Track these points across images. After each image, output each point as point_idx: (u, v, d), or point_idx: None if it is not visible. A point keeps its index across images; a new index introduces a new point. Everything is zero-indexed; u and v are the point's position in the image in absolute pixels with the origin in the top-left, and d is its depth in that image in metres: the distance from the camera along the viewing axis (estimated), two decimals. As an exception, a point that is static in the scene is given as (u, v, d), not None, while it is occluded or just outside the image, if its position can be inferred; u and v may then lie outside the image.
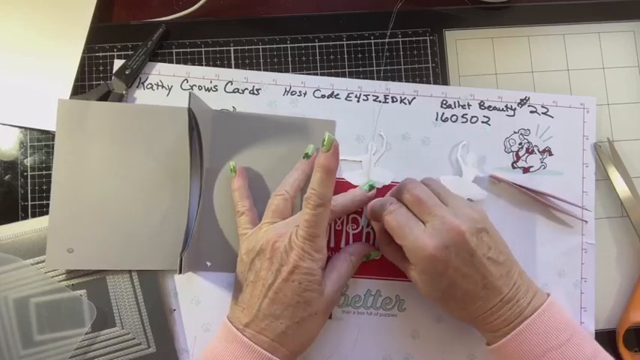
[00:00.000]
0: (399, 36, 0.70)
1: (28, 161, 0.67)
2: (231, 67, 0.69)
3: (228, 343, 0.55)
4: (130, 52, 0.69)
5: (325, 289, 0.57)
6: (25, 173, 0.67)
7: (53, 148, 0.65)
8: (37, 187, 0.67)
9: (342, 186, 0.66)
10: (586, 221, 0.66)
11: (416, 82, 0.69)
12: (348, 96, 0.68)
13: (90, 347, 0.63)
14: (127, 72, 0.67)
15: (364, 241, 0.66)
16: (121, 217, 0.64)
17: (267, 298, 0.55)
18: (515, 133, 0.68)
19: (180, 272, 0.59)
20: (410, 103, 0.68)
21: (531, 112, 0.68)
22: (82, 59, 0.69)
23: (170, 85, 0.68)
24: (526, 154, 0.67)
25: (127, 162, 0.65)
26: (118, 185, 0.65)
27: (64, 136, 0.65)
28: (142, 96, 0.68)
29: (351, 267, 0.62)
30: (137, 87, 0.68)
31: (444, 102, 0.68)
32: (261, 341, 0.54)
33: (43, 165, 0.67)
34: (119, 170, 0.65)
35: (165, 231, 0.64)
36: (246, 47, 0.70)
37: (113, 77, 0.67)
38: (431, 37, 0.71)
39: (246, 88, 0.68)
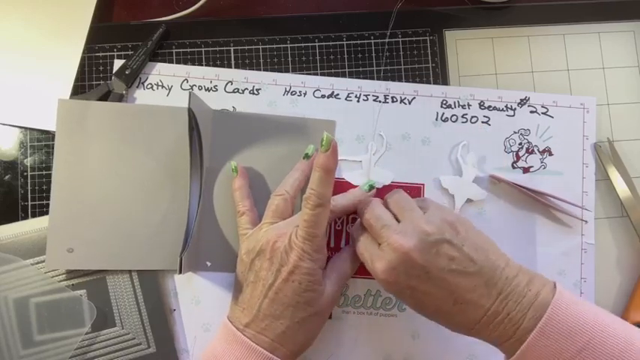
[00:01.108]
0: (399, 36, 0.70)
1: (28, 161, 0.67)
2: (231, 67, 0.69)
3: (229, 344, 0.55)
4: (130, 52, 0.69)
5: (325, 290, 0.57)
6: (25, 173, 0.67)
7: (53, 148, 0.65)
8: (37, 187, 0.67)
9: (342, 186, 0.66)
10: (586, 221, 0.66)
11: (416, 82, 0.69)
12: (348, 96, 0.68)
13: (90, 347, 0.63)
14: (127, 72, 0.67)
15: (364, 241, 0.66)
16: (121, 217, 0.64)
17: (267, 298, 0.55)
18: (515, 133, 0.68)
19: (180, 272, 0.59)
20: (410, 103, 0.68)
21: (531, 112, 0.68)
22: (82, 59, 0.69)
23: (170, 85, 0.68)
24: (526, 154, 0.67)
25: (127, 162, 0.65)
26: (118, 185, 0.65)
27: (64, 136, 0.65)
28: (142, 96, 0.68)
29: (351, 267, 0.62)
30: (137, 87, 0.68)
31: (444, 102, 0.68)
32: (261, 341, 0.54)
33: (43, 165, 0.67)
34: (119, 170, 0.65)
35: (165, 231, 0.64)
36: (246, 47, 0.70)
37: (113, 77, 0.67)
38: (431, 37, 0.71)
39: (246, 88, 0.68)
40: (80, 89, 0.68)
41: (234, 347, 0.55)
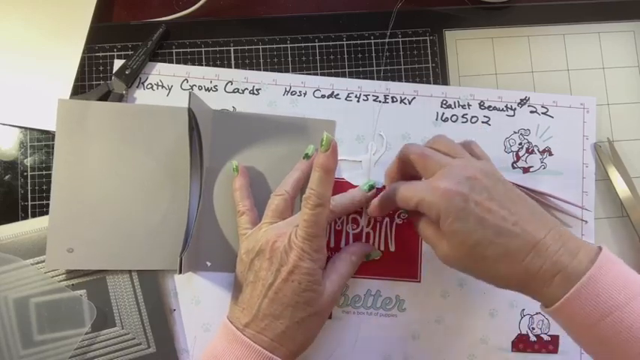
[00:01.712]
0: (399, 36, 0.70)
1: (28, 161, 0.67)
2: (231, 67, 0.69)
3: (229, 343, 0.55)
4: (130, 52, 0.69)
5: (325, 290, 0.57)
6: (25, 173, 0.67)
7: (53, 148, 0.65)
8: (37, 187, 0.67)
9: (342, 186, 0.66)
10: (586, 221, 0.66)
11: (416, 82, 0.69)
12: (348, 96, 0.68)
13: (90, 347, 0.63)
14: (126, 72, 0.67)
15: (364, 241, 0.66)
16: (121, 216, 0.64)
17: (266, 298, 0.55)
18: (515, 133, 0.68)
19: (180, 272, 0.59)
20: (410, 103, 0.68)
21: (531, 112, 0.68)
22: (82, 59, 0.69)
23: (170, 85, 0.68)
24: (526, 154, 0.67)
25: (127, 162, 0.65)
26: (118, 185, 0.65)
27: (64, 136, 0.65)
28: (142, 96, 0.68)
29: (352, 267, 0.62)
30: (137, 87, 0.68)
31: (444, 102, 0.68)
32: (260, 341, 0.54)
33: (43, 165, 0.67)
34: (119, 170, 0.65)
35: (165, 231, 0.64)
36: (246, 47, 0.70)
37: (113, 77, 0.67)
38: (431, 37, 0.71)
39: (246, 88, 0.68)
40: (80, 89, 0.68)
41: (234, 347, 0.55)
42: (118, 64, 0.68)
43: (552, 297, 0.48)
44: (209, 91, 0.68)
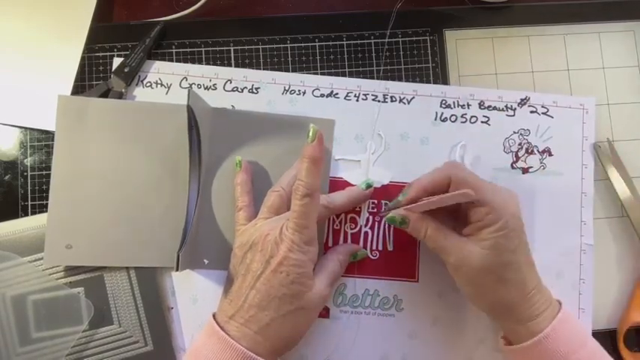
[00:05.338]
0: (399, 36, 0.70)
1: (28, 161, 0.67)
2: (231, 67, 0.69)
3: (208, 338, 0.55)
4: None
5: (314, 285, 0.56)
6: (25, 173, 0.67)
7: (53, 147, 0.65)
8: (36, 187, 0.67)
9: (341, 185, 0.66)
10: (585, 222, 0.66)
11: (416, 81, 0.69)
12: (347, 95, 0.68)
13: (87, 345, 0.63)
14: (125, 70, 0.67)
15: (362, 240, 0.66)
16: (120, 213, 0.64)
17: (254, 289, 0.55)
18: (514, 133, 0.68)
19: (178, 269, 0.59)
20: (409, 102, 0.68)
21: (531, 112, 0.68)
22: (82, 59, 0.69)
23: (169, 84, 0.68)
24: (525, 155, 0.67)
25: (126, 158, 0.65)
26: (117, 182, 0.65)
27: (64, 132, 0.65)
28: (141, 94, 0.68)
29: (339, 266, 0.62)
30: (136, 85, 0.68)
31: (444, 102, 0.68)
32: (244, 334, 0.54)
33: (43, 165, 0.67)
34: (118, 166, 0.65)
35: (164, 228, 0.64)
36: (246, 47, 0.70)
37: (112, 75, 0.67)
38: (431, 37, 0.71)
39: (245, 87, 0.68)
40: (80, 89, 0.68)
41: (212, 341, 0.54)
42: (117, 62, 0.68)
43: (534, 330, 0.55)
44: (208, 89, 0.68)
